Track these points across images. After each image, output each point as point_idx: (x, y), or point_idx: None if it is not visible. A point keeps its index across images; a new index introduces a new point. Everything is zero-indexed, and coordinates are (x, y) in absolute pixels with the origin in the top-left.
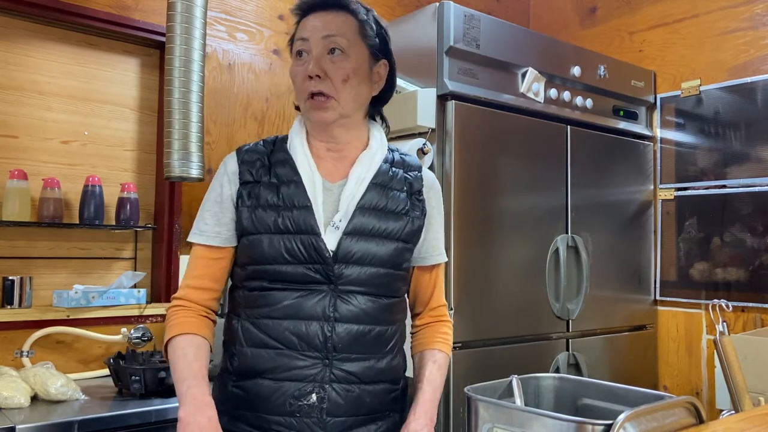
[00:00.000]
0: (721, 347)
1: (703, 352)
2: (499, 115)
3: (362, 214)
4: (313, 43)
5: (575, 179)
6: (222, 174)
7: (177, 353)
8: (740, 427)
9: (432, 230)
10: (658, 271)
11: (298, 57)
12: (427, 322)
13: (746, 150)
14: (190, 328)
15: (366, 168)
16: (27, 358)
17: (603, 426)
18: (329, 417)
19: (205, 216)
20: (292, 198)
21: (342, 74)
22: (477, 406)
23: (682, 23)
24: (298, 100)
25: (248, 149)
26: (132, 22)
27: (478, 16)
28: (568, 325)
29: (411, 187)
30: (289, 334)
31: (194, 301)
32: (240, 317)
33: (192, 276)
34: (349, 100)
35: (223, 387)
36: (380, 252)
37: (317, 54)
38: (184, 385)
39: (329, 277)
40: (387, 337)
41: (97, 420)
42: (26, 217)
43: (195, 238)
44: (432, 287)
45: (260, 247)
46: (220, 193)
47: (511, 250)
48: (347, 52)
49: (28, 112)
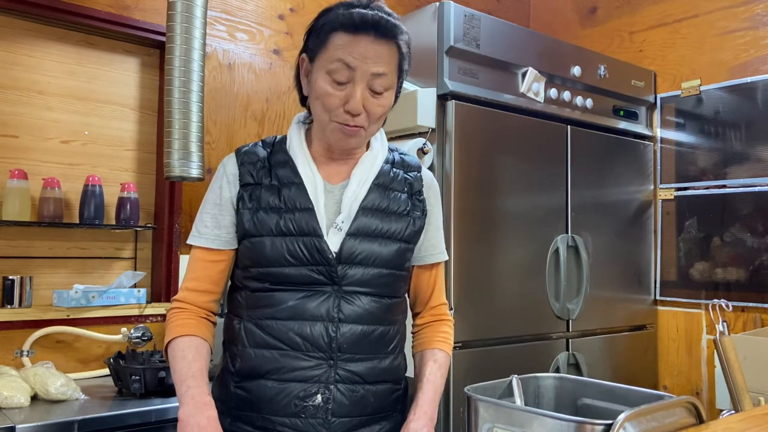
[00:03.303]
0: (721, 347)
1: (703, 352)
2: (499, 115)
3: (365, 215)
4: (359, 75)
5: (575, 179)
6: (221, 176)
7: (177, 354)
8: (740, 427)
9: (431, 229)
10: (658, 271)
11: (337, 83)
12: (427, 321)
13: (746, 150)
14: (189, 329)
15: (368, 169)
16: (27, 357)
17: (603, 426)
18: (334, 417)
19: (204, 218)
20: (293, 200)
21: (380, 113)
22: (477, 406)
23: (682, 23)
24: (320, 116)
25: (247, 151)
26: (132, 21)
27: (478, 15)
28: (568, 325)
29: (411, 187)
30: (294, 334)
31: (194, 304)
32: (242, 318)
33: (191, 278)
34: (374, 131)
35: (224, 388)
36: (383, 252)
37: (361, 89)
38: (184, 386)
39: (333, 278)
40: (389, 337)
41: (96, 420)
42: (26, 216)
43: (194, 241)
44: (432, 286)
45: (262, 250)
46: (219, 195)
47: (511, 250)
48: (389, 89)
49: (29, 111)
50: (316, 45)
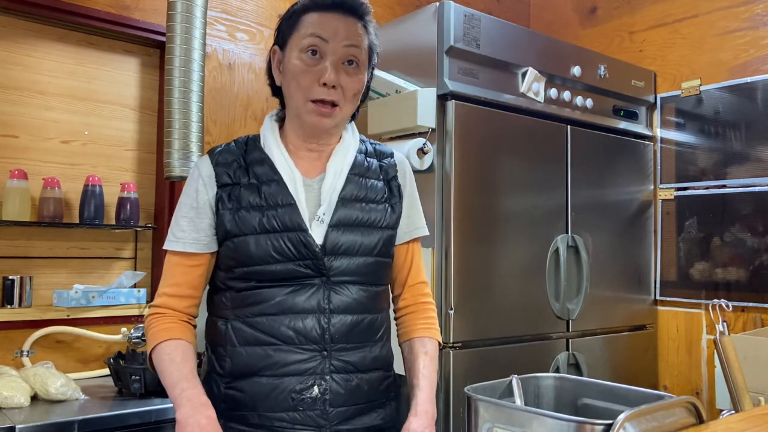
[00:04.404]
0: (721, 347)
1: (703, 352)
2: (499, 115)
3: (345, 205)
4: (332, 47)
5: (575, 179)
6: (196, 178)
7: (164, 358)
8: (740, 427)
9: (406, 206)
10: (658, 271)
11: (311, 55)
12: (409, 304)
13: (746, 150)
14: (173, 333)
15: (342, 160)
16: (27, 357)
17: (603, 426)
18: (332, 408)
19: (180, 222)
20: (275, 197)
21: (355, 89)
22: (477, 406)
23: (682, 23)
24: (295, 99)
25: (221, 151)
26: (132, 21)
27: (478, 15)
28: (568, 325)
29: (387, 174)
30: (286, 329)
31: (174, 309)
32: (228, 318)
33: (170, 284)
34: (349, 112)
35: (212, 391)
36: (366, 241)
37: (334, 61)
38: (178, 388)
39: (321, 270)
40: (377, 325)
41: (97, 420)
42: (26, 216)
43: (171, 246)
44: (410, 263)
45: (247, 249)
46: (195, 198)
47: (511, 250)
48: (361, 66)
49: (29, 111)
50: (287, 29)
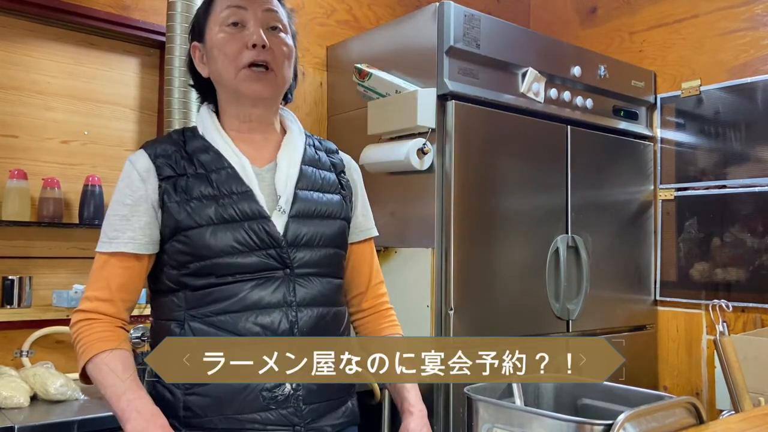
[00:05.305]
0: (721, 347)
1: (703, 353)
2: (499, 115)
3: (303, 196)
4: (252, 14)
5: (575, 179)
6: (130, 174)
7: (103, 370)
8: (740, 427)
9: (359, 205)
10: (658, 271)
11: (232, 26)
12: (372, 304)
13: (746, 150)
14: (109, 344)
15: (292, 151)
16: (27, 357)
17: (603, 426)
18: (305, 405)
19: (113, 222)
20: (227, 185)
21: (285, 50)
22: (477, 406)
23: (682, 23)
24: (226, 72)
25: (157, 142)
26: (132, 21)
27: (478, 16)
28: (568, 325)
29: (335, 167)
30: (252, 325)
31: (106, 314)
32: (183, 320)
33: (101, 287)
34: (285, 79)
35: (165, 398)
36: (327, 232)
37: (257, 25)
38: (123, 400)
39: (284, 261)
40: (340, 317)
41: (96, 420)
42: (26, 216)
43: (104, 247)
44: (370, 263)
45: (203, 241)
46: (130, 195)
47: (511, 250)
48: (285, 31)
49: (28, 111)
50: (203, 16)
